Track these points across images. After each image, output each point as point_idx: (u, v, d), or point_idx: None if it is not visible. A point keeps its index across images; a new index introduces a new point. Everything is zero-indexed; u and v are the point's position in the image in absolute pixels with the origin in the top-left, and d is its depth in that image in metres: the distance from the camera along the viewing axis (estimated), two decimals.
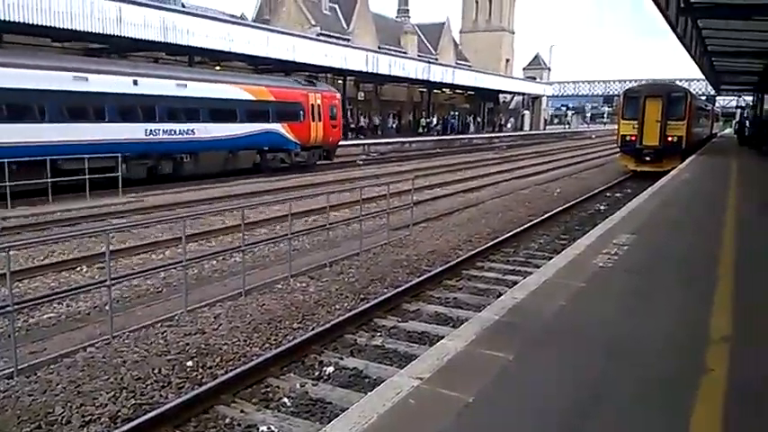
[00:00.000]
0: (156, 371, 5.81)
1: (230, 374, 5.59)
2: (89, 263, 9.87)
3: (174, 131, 19.74)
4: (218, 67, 27.93)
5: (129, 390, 5.46)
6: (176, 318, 7.23)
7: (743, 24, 18.65)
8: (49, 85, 16.06)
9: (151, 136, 19.00)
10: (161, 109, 19.20)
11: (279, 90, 24.34)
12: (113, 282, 6.91)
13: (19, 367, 5.77)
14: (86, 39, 21.47)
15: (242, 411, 5.16)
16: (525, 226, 13.10)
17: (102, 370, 5.81)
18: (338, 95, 28.34)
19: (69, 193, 15.86)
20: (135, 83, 18.44)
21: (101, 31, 19.84)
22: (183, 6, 38.41)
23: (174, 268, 8.56)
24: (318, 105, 25.77)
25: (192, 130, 20.23)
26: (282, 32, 30.53)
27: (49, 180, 15.24)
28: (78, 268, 9.69)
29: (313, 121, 25.46)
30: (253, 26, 31.62)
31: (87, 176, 16.08)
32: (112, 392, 5.40)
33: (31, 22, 17.85)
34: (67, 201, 15.36)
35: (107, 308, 6.79)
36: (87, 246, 10.92)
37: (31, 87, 15.69)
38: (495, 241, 11.52)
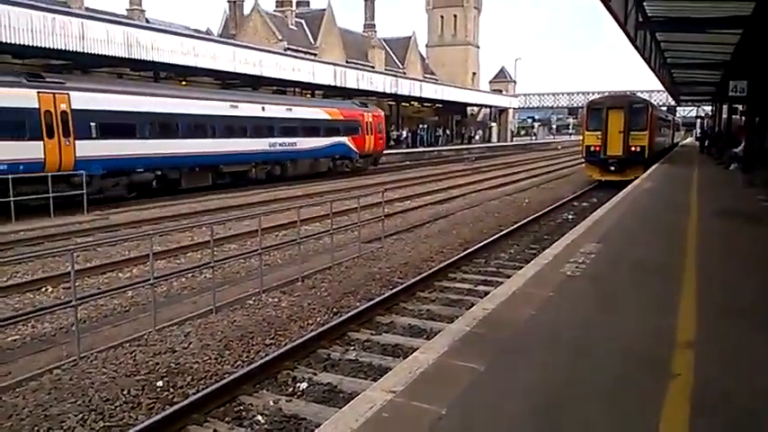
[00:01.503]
0: (125, 392, 5.70)
1: (202, 393, 5.52)
2: (54, 283, 9.66)
3: (285, 144, 26.57)
4: (183, 83, 27.71)
5: (97, 412, 5.35)
6: (145, 337, 7.11)
7: (700, 37, 19.29)
8: (216, 112, 22.85)
9: (272, 148, 25.78)
10: (278, 128, 26.06)
11: (345, 111, 31.43)
12: (79, 302, 6.78)
13: None
14: (49, 55, 21.10)
15: (215, 431, 5.09)
16: (495, 236, 13.24)
17: (69, 392, 5.69)
18: (382, 114, 35.36)
19: (34, 213, 15.52)
20: (263, 109, 25.52)
21: (63, 48, 19.53)
22: (148, 22, 38.15)
23: (142, 286, 8.43)
24: (370, 122, 32.74)
25: (294, 143, 27.07)
26: (249, 47, 30.43)
27: (12, 199, 14.88)
28: (43, 289, 9.47)
29: (367, 134, 32.44)
30: (218, 41, 31.45)
31: (51, 194, 15.75)
32: (80, 415, 5.29)
33: None
34: (31, 220, 15.02)
35: (73, 328, 6.65)
36: (52, 265, 10.69)
37: (206, 113, 22.45)
38: (467, 252, 11.62)
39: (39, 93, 16.87)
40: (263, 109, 25.56)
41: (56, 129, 17.21)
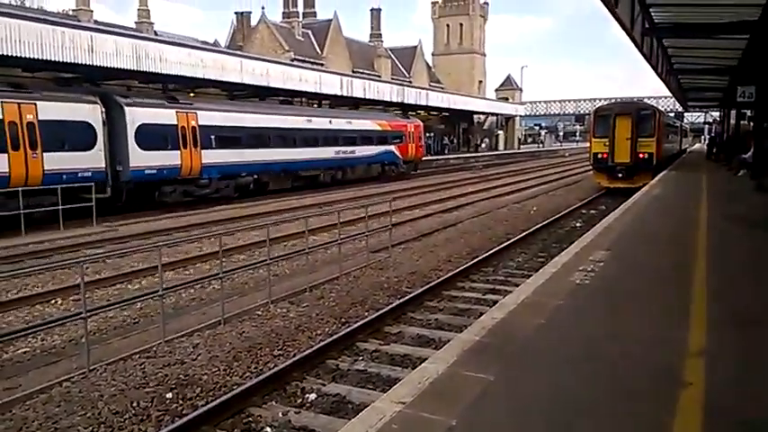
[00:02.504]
0: (134, 404, 5.70)
1: (211, 405, 5.51)
2: (64, 295, 9.71)
3: (346, 152, 30.83)
4: (191, 94, 27.88)
5: (107, 424, 5.35)
6: (154, 349, 7.12)
7: (707, 43, 19.24)
8: (297, 126, 27.35)
9: (337, 155, 30.01)
10: (341, 138, 30.36)
11: (392, 122, 36.32)
12: (89, 314, 6.80)
13: None
14: (58, 68, 21.30)
15: None
16: (504, 245, 13.21)
17: (79, 405, 5.69)
18: (422, 124, 40.19)
19: (44, 224, 15.62)
20: (330, 122, 29.95)
21: (72, 61, 19.71)
22: (156, 34, 38.48)
23: (151, 298, 8.44)
24: (411, 132, 37.23)
25: (353, 151, 31.46)
26: (256, 58, 30.57)
27: (22, 211, 14.98)
28: (53, 301, 9.52)
29: (410, 143, 36.80)
30: (226, 52, 31.61)
31: (60, 207, 15.86)
32: (90, 427, 5.29)
33: (1, 53, 17.66)
34: (40, 232, 15.11)
35: (83, 341, 6.67)
36: (62, 278, 10.74)
37: (290, 127, 26.84)
38: (475, 261, 11.58)
39: (176, 112, 21.23)
40: (330, 122, 30.07)
41: (189, 141, 21.39)
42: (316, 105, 36.45)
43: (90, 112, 18.47)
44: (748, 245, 9.62)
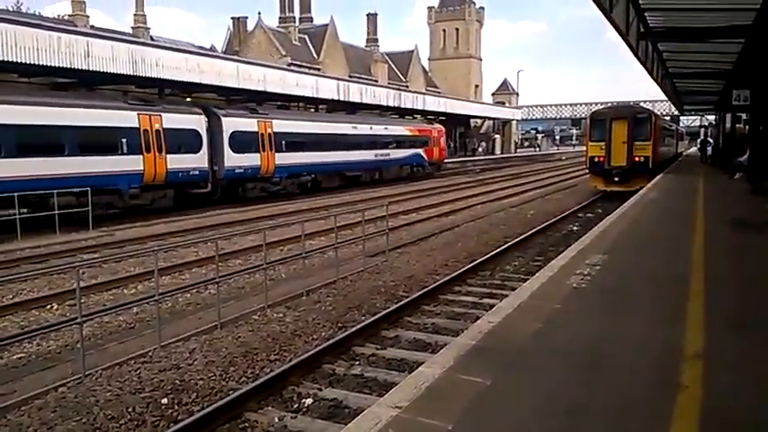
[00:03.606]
0: (130, 409, 5.68)
1: (206, 410, 5.49)
2: (59, 300, 9.67)
3: (383, 155, 34.78)
4: (188, 99, 27.87)
5: (102, 430, 5.33)
6: (150, 354, 7.09)
7: (702, 47, 19.31)
8: (345, 132, 31.27)
9: (375, 158, 33.88)
10: (379, 143, 34.49)
11: (419, 128, 40.47)
12: (85, 319, 6.78)
13: None
14: (54, 73, 21.28)
15: None
16: (501, 248, 13.21)
17: (74, 410, 5.67)
18: (443, 129, 43.84)
19: (40, 229, 15.57)
20: (370, 128, 33.93)
21: (69, 66, 19.70)
22: (152, 39, 38.48)
23: (147, 303, 8.42)
24: (436, 137, 41.21)
25: (388, 154, 35.34)
26: (253, 63, 30.59)
27: (18, 216, 14.95)
28: (48, 306, 9.48)
29: (434, 146, 40.72)
30: (222, 57, 31.66)
31: (57, 212, 15.84)
32: None
33: None
34: (36, 237, 15.07)
35: (79, 346, 6.64)
36: (57, 282, 10.71)
37: (339, 133, 30.64)
38: (472, 265, 11.57)
39: (257, 121, 25.42)
40: (371, 128, 34.07)
41: (267, 144, 25.39)
42: (312, 110, 36.50)
43: (197, 122, 22.51)
44: (745, 248, 9.63)
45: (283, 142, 26.30)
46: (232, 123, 24.03)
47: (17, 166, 16.22)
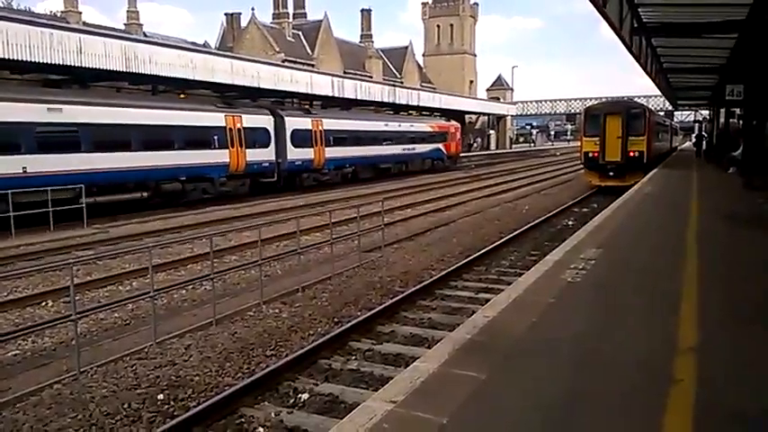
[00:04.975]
0: (125, 405, 5.68)
1: (203, 406, 5.49)
2: (54, 297, 9.65)
3: (410, 149, 38.74)
4: (182, 96, 27.77)
5: (98, 426, 5.33)
6: (146, 350, 7.09)
7: (695, 42, 19.33)
8: (379, 128, 35.36)
9: (403, 152, 37.87)
10: (407, 138, 38.26)
11: (439, 124, 44.07)
12: (79, 316, 6.77)
13: None
14: (47, 70, 21.15)
15: None
16: (496, 243, 13.24)
17: (69, 407, 5.66)
18: (459, 125, 48.13)
19: (34, 226, 15.52)
20: (399, 125, 38.15)
21: (61, 63, 19.58)
22: (145, 36, 38.28)
23: (143, 299, 8.41)
24: (453, 132, 44.92)
25: (414, 149, 39.17)
26: (246, 59, 30.45)
27: (12, 214, 14.89)
28: (43, 303, 9.46)
29: (452, 141, 44.27)
30: (216, 53, 31.46)
31: (51, 209, 15.79)
32: (81, 430, 5.27)
33: None
34: (30, 234, 15.01)
35: (74, 343, 6.63)
36: (52, 279, 10.68)
37: (375, 129, 34.82)
38: (467, 260, 11.60)
39: (311, 120, 29.31)
40: (400, 125, 38.29)
41: (318, 140, 29.18)
42: (307, 106, 36.45)
43: (267, 121, 26.44)
44: (738, 242, 9.68)
45: (331, 138, 30.06)
46: (293, 122, 27.88)
47: (143, 158, 20.13)
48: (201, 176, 22.86)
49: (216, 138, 23.37)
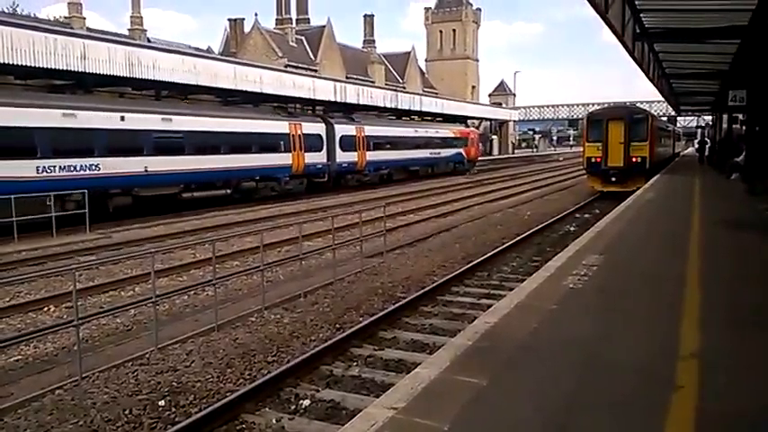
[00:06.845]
0: (127, 411, 5.68)
1: (204, 412, 5.49)
2: (56, 302, 9.66)
3: (436, 153, 41.84)
4: (185, 101, 27.85)
5: None
6: (147, 356, 7.09)
7: (698, 47, 19.33)
8: (410, 134, 38.97)
9: (430, 155, 41.08)
10: (434, 143, 41.63)
11: (460, 130, 47.33)
12: (81, 321, 6.77)
13: None
14: (51, 75, 21.23)
15: None
16: (498, 249, 13.22)
17: (71, 413, 5.66)
18: (478, 131, 53.90)
19: (36, 231, 15.55)
20: (426, 131, 41.35)
21: (65, 68, 19.65)
22: (149, 41, 38.39)
23: (144, 305, 8.41)
24: (473, 138, 48.33)
25: (439, 153, 42.21)
26: (249, 64, 30.53)
27: (15, 219, 14.91)
28: (46, 308, 9.47)
29: (472, 146, 47.34)
30: (219, 59, 31.61)
31: (54, 214, 15.83)
32: None
33: None
34: (33, 239, 15.04)
35: (76, 348, 6.64)
36: (54, 285, 10.69)
37: (407, 135, 38.43)
38: (469, 265, 11.59)
39: (355, 127, 33.01)
40: (427, 131, 41.56)
41: (361, 145, 32.83)
42: (310, 111, 36.53)
43: (321, 128, 30.20)
44: (741, 248, 9.66)
45: (371, 143, 33.67)
46: (341, 129, 31.48)
47: (229, 161, 23.90)
48: (271, 176, 26.70)
49: (282, 143, 27.24)
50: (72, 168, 18.09)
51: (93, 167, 18.69)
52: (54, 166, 17.62)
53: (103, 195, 19.07)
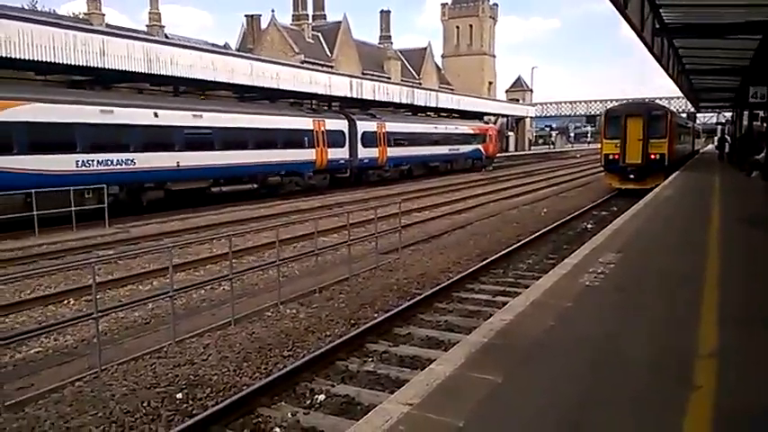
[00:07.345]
0: (145, 404, 5.75)
1: (221, 405, 5.54)
2: (76, 296, 9.80)
3: (454, 149, 42.19)
4: (202, 97, 28.05)
5: (118, 424, 5.40)
6: (165, 349, 7.17)
7: (718, 43, 19.10)
8: (429, 131, 39.29)
9: (449, 152, 41.53)
10: (453, 139, 42.09)
11: (479, 127, 47.62)
12: (100, 314, 6.87)
13: (6, 404, 5.71)
14: (71, 71, 21.47)
15: None
16: (514, 246, 13.17)
17: (90, 404, 5.75)
18: (496, 128, 53.77)
19: (56, 226, 15.77)
20: (446, 128, 41.61)
21: (85, 64, 19.87)
22: (167, 37, 38.67)
23: (162, 299, 8.51)
24: (491, 134, 48.50)
25: (458, 149, 42.75)
26: (266, 60, 30.62)
27: (36, 213, 15.15)
28: (65, 301, 9.61)
29: (490, 143, 47.60)
30: (236, 55, 31.71)
31: (73, 209, 16.05)
32: (101, 427, 5.34)
33: (14, 57, 17.85)
34: (53, 233, 15.26)
35: (95, 341, 6.73)
36: (74, 278, 10.84)
37: (426, 132, 38.82)
38: (485, 262, 11.56)
39: (377, 123, 33.54)
40: (446, 128, 41.73)
41: (382, 141, 33.46)
42: (326, 107, 36.62)
43: (343, 125, 30.79)
44: (761, 248, 9.54)
45: (392, 139, 34.29)
46: (363, 125, 32.09)
47: (256, 156, 24.61)
48: (295, 171, 27.35)
49: (306, 139, 27.85)
50: (109, 163, 18.81)
51: (129, 162, 19.44)
52: (92, 161, 18.31)
53: (138, 189, 19.91)
